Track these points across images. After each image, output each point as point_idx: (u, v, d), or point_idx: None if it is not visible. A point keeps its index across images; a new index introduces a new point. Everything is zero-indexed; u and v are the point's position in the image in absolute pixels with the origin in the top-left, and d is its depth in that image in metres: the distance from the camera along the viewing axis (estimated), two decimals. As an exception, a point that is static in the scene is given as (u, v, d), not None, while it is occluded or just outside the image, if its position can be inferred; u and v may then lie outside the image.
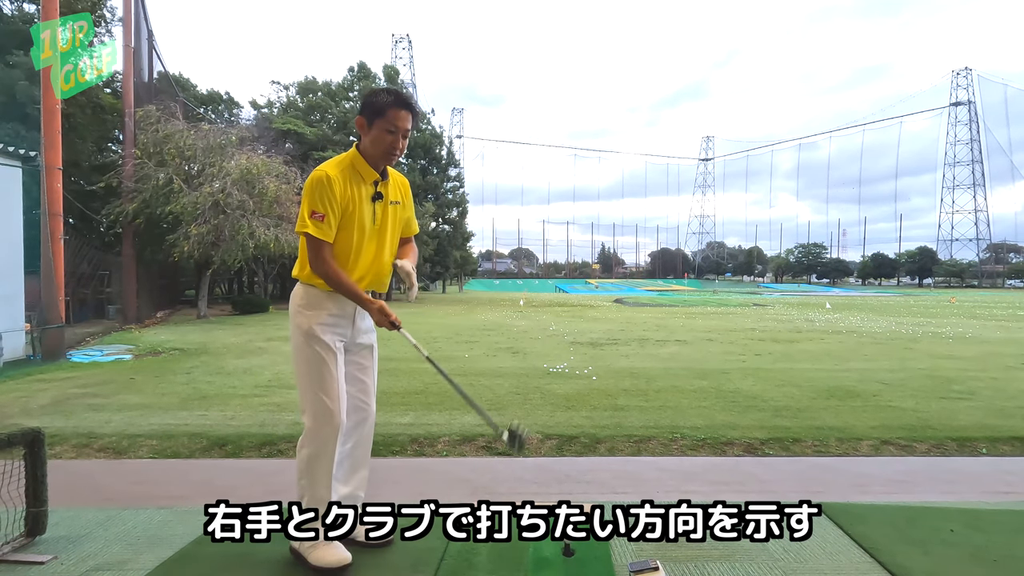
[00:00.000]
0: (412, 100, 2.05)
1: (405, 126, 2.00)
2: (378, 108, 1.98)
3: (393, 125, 1.97)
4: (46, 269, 8.49)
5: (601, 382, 5.84)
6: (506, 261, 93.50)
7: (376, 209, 2.07)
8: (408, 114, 2.00)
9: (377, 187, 2.07)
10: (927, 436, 3.88)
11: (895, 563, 2.01)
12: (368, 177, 2.05)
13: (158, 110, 14.73)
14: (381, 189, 2.08)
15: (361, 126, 2.03)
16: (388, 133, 1.98)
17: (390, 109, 1.97)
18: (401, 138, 2.01)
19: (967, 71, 73.45)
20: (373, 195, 2.06)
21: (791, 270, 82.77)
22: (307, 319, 2.02)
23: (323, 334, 2.01)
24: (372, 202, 2.06)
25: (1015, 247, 73.68)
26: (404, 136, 2.01)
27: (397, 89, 2.12)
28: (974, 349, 8.84)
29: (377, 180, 2.07)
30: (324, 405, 1.98)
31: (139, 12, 14.77)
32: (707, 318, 15.51)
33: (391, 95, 2.01)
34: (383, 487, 2.44)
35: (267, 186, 15.41)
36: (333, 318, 2.05)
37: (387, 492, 2.50)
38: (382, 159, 2.04)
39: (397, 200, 2.16)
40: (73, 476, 3.07)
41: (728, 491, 2.80)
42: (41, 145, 8.41)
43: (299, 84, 27.22)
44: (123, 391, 5.48)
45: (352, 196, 1.99)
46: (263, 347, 9.02)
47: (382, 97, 2.00)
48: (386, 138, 1.99)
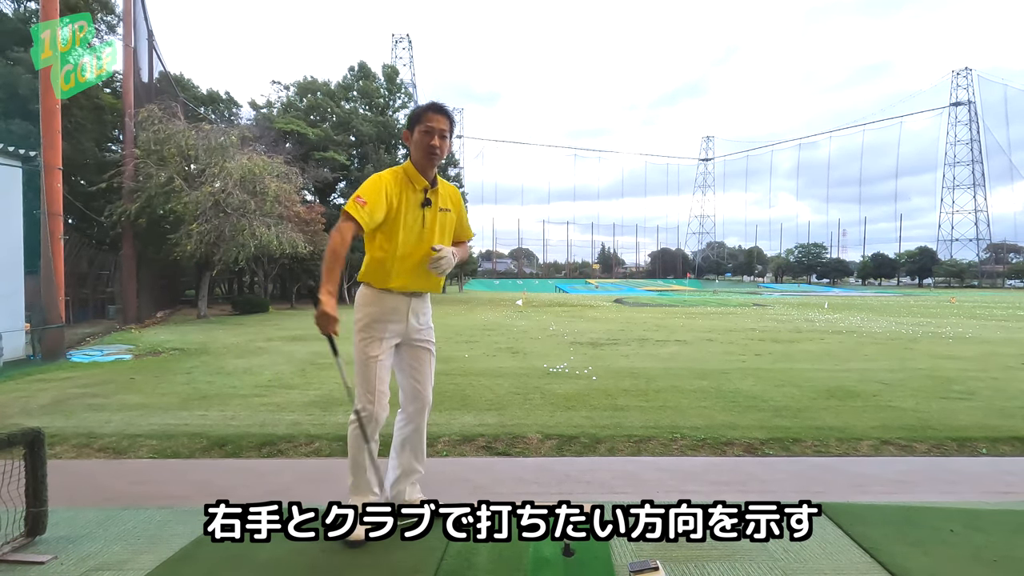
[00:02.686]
0: (444, 106, 2.27)
1: (440, 126, 2.22)
2: (415, 116, 2.26)
3: (428, 126, 2.21)
4: (46, 269, 8.49)
5: (601, 382, 5.84)
6: (506, 261, 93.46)
7: (425, 215, 2.26)
8: (441, 116, 2.23)
9: (427, 194, 2.26)
10: (927, 436, 3.88)
11: (895, 563, 2.01)
12: (418, 184, 2.25)
13: (160, 110, 14.73)
14: (431, 196, 2.27)
15: (407, 138, 2.30)
16: (425, 134, 2.21)
17: (424, 113, 2.23)
18: (439, 138, 2.22)
19: (967, 71, 73.51)
20: (423, 201, 2.25)
21: (791, 270, 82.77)
22: (362, 315, 2.26)
23: (372, 329, 2.24)
24: (421, 208, 2.25)
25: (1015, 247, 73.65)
26: (441, 137, 2.23)
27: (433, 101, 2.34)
28: (974, 349, 8.84)
29: (427, 187, 2.26)
30: (364, 394, 2.22)
31: (139, 12, 14.77)
32: (707, 318, 15.51)
33: (426, 104, 2.29)
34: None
35: (268, 186, 15.42)
36: (385, 315, 2.25)
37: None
38: (426, 161, 2.24)
39: (447, 208, 2.35)
40: (73, 476, 3.07)
41: (728, 491, 2.80)
42: (41, 145, 8.41)
43: (298, 84, 27.21)
44: (123, 391, 5.48)
45: (402, 198, 2.21)
46: (263, 347, 9.01)
47: (419, 107, 2.29)
48: (425, 139, 2.21)
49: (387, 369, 2.28)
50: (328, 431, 3.92)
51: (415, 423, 2.39)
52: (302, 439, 3.73)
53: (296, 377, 6.21)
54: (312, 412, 4.53)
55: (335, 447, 3.57)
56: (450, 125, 2.27)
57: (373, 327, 2.24)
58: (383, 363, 2.25)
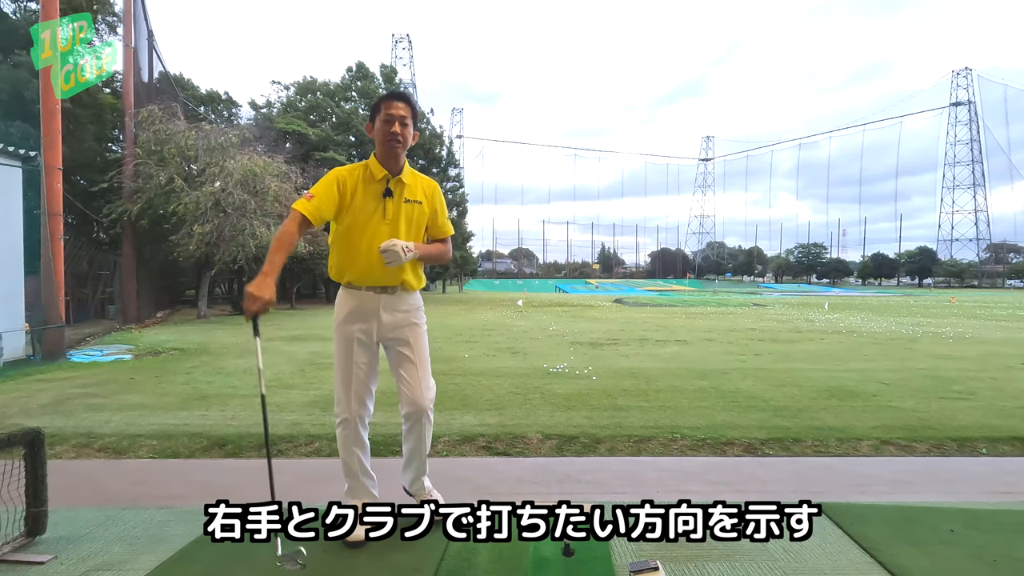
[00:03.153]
0: (404, 92, 2.26)
1: (399, 113, 2.17)
2: (375, 106, 2.23)
3: (387, 114, 2.17)
4: (46, 269, 8.48)
5: (601, 382, 5.84)
6: (506, 261, 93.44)
7: (387, 205, 2.20)
8: (400, 103, 2.19)
9: (387, 183, 2.21)
10: (927, 436, 3.88)
11: (895, 563, 2.01)
12: (378, 174, 2.20)
13: (160, 110, 14.73)
14: (392, 186, 2.21)
15: (369, 130, 2.27)
16: (385, 123, 2.17)
17: (383, 102, 2.20)
18: (399, 124, 2.16)
19: (967, 71, 73.50)
20: (383, 191, 2.20)
21: (791, 270, 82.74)
22: (335, 315, 2.27)
23: (343, 329, 2.23)
24: (382, 198, 2.20)
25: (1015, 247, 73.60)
26: (403, 124, 2.17)
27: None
28: (974, 349, 8.84)
29: (387, 177, 2.21)
30: (338, 392, 2.24)
31: (139, 12, 14.77)
32: (707, 318, 15.51)
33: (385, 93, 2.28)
34: (383, 487, 2.44)
35: (268, 186, 15.42)
36: (352, 314, 2.22)
37: (387, 492, 2.50)
38: (387, 150, 2.18)
39: (417, 200, 2.27)
40: (73, 476, 3.07)
41: (728, 491, 2.80)
42: (41, 145, 8.41)
43: (298, 84, 27.21)
44: (123, 391, 5.48)
45: (357, 190, 2.18)
46: (263, 347, 9.00)
47: (378, 97, 2.27)
48: (384, 128, 2.17)
49: (364, 371, 2.21)
50: (328, 431, 3.91)
51: (414, 431, 2.29)
52: (302, 439, 3.73)
53: (296, 377, 6.21)
54: (312, 412, 4.53)
55: (335, 447, 3.55)
56: (412, 112, 2.21)
57: (344, 327, 2.22)
58: (357, 364, 2.20)
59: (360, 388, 2.21)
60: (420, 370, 2.28)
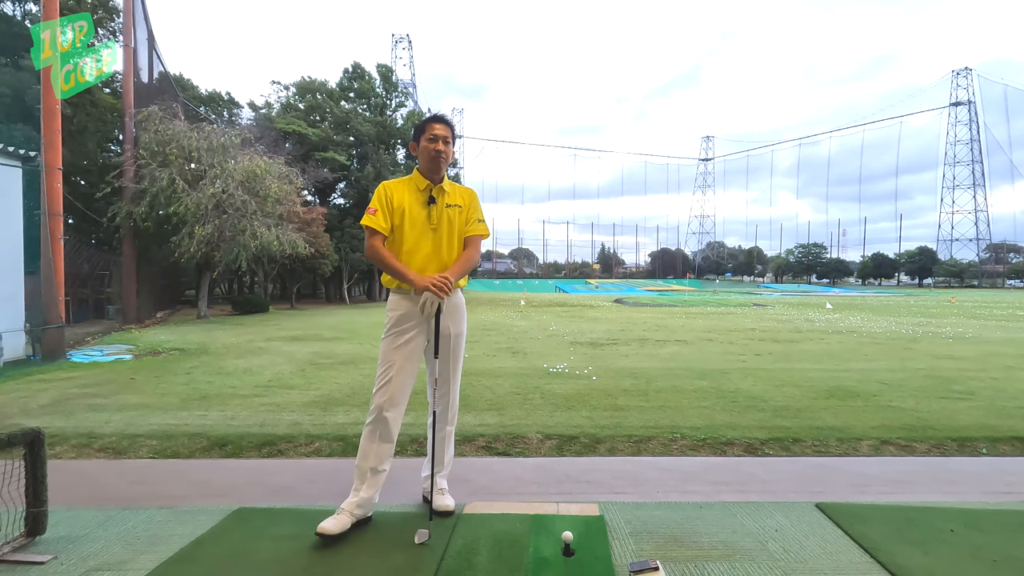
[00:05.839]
0: (445, 115, 2.52)
1: (443, 134, 2.45)
2: (419, 128, 2.49)
3: (431, 135, 2.44)
4: (46, 269, 8.48)
5: (601, 382, 5.84)
6: (506, 261, 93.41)
7: (431, 211, 2.43)
8: (442, 124, 2.46)
9: (431, 192, 2.45)
10: (927, 436, 3.88)
11: (895, 563, 2.01)
12: (421, 185, 2.46)
13: (161, 111, 14.73)
14: (435, 194, 2.45)
15: (413, 148, 2.52)
16: (429, 142, 2.43)
17: (428, 124, 2.46)
18: (442, 143, 2.43)
19: (967, 71, 73.48)
20: (427, 200, 2.44)
21: (791, 270, 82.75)
22: (388, 318, 2.43)
23: (394, 331, 2.38)
24: (427, 205, 2.43)
25: (1015, 247, 73.52)
26: (445, 143, 2.44)
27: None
28: (974, 349, 8.84)
29: (429, 187, 2.46)
30: (378, 388, 2.34)
31: (139, 12, 14.78)
32: (707, 318, 15.51)
33: (428, 116, 2.53)
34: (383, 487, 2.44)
35: (269, 187, 15.43)
36: (402, 316, 2.38)
37: (387, 492, 2.51)
38: (432, 166, 2.45)
39: (457, 204, 2.51)
40: (73, 476, 3.07)
41: (728, 491, 2.80)
42: (41, 145, 8.42)
43: (298, 84, 27.23)
44: (123, 391, 5.48)
45: (404, 200, 2.41)
46: (263, 347, 9.01)
47: (422, 120, 2.52)
48: (429, 147, 2.43)
49: (406, 373, 2.35)
50: (328, 431, 3.92)
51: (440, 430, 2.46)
52: (302, 439, 3.73)
53: (296, 377, 6.21)
54: (312, 412, 4.53)
55: (335, 447, 3.57)
56: (451, 132, 2.48)
57: (394, 329, 2.38)
58: (402, 367, 2.33)
59: (396, 390, 2.34)
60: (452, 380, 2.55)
